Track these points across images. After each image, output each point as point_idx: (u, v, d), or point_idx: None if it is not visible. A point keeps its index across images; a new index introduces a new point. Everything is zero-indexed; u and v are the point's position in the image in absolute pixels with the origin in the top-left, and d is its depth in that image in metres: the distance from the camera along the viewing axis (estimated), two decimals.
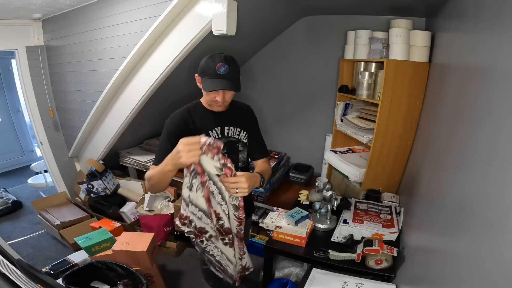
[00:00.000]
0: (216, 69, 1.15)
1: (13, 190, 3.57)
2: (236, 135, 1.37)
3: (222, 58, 1.17)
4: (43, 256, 2.37)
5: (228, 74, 1.17)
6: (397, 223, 1.51)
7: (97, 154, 2.66)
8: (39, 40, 2.67)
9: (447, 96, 1.21)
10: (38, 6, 2.20)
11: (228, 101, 1.27)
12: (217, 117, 1.32)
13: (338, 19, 2.21)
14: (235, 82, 1.21)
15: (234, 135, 1.37)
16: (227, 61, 1.17)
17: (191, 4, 1.67)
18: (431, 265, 0.89)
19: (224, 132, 1.33)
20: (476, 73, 0.89)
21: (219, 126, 1.32)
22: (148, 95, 2.07)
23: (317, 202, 1.65)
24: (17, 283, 1.11)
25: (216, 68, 1.15)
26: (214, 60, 1.16)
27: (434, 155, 1.24)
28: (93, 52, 2.26)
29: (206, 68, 1.18)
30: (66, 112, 2.82)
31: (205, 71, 1.18)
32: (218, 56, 1.17)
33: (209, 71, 1.17)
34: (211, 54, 1.20)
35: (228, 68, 1.16)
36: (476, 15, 0.96)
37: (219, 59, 1.16)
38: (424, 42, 1.63)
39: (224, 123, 1.33)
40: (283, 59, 2.55)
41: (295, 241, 1.45)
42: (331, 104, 2.35)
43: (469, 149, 0.81)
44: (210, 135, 1.30)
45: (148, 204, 2.34)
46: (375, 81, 1.84)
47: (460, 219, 0.77)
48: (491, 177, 0.64)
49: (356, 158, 2.06)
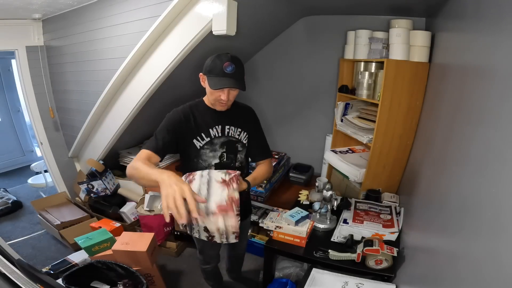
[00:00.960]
0: (223, 68, 1.17)
1: (13, 190, 3.57)
2: (236, 135, 1.38)
3: (229, 57, 1.19)
4: (43, 256, 2.37)
5: (235, 73, 1.19)
6: (397, 223, 1.51)
7: (97, 154, 2.66)
8: (39, 40, 2.67)
9: (447, 96, 1.21)
10: (38, 6, 2.20)
11: (232, 100, 1.29)
12: (219, 116, 1.33)
13: (338, 19, 2.21)
14: (241, 81, 1.23)
15: (234, 135, 1.38)
16: (233, 60, 1.19)
17: (191, 4, 1.67)
18: (431, 265, 0.89)
19: (224, 131, 1.34)
20: (476, 73, 0.89)
21: (220, 125, 1.33)
22: (148, 95, 2.07)
23: (317, 202, 1.65)
24: (17, 283, 1.11)
25: (223, 67, 1.17)
26: (221, 59, 1.19)
27: (434, 155, 1.24)
28: (93, 52, 2.26)
29: (213, 67, 1.20)
30: (66, 112, 2.82)
31: (212, 69, 1.20)
32: (225, 56, 1.20)
33: (215, 70, 1.19)
34: (217, 54, 1.22)
35: (234, 67, 1.19)
36: (476, 15, 0.96)
37: (226, 58, 1.19)
38: (424, 42, 1.63)
39: (225, 122, 1.34)
40: (283, 59, 2.55)
41: (295, 241, 1.46)
42: (331, 104, 2.35)
43: (469, 149, 0.81)
44: (210, 132, 1.32)
45: (148, 204, 2.34)
46: (375, 81, 1.84)
47: (460, 219, 0.77)
48: (491, 177, 0.64)
49: (356, 158, 2.06)
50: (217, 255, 1.71)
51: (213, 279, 1.84)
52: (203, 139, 1.31)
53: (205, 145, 1.32)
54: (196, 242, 1.59)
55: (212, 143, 1.32)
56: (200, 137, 1.31)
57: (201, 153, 1.32)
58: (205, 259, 1.68)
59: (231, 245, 1.69)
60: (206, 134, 1.31)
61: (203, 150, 1.32)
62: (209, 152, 1.33)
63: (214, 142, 1.33)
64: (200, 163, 1.33)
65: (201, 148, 1.31)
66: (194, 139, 1.30)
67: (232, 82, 1.20)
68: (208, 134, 1.31)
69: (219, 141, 1.34)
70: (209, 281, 1.85)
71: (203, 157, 1.33)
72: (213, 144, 1.33)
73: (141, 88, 2.05)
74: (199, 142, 1.31)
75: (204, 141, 1.31)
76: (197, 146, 1.31)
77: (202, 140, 1.31)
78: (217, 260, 1.73)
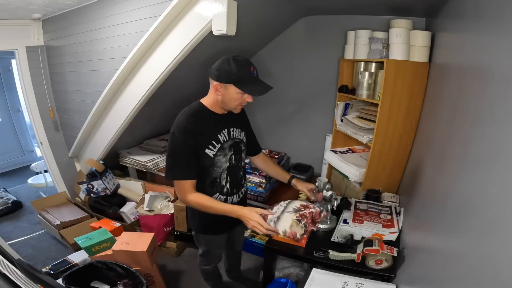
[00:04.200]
0: (251, 72, 1.20)
1: (13, 190, 3.57)
2: (239, 135, 1.41)
3: (246, 60, 1.21)
4: (43, 256, 2.37)
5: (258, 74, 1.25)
6: (397, 223, 1.51)
7: (97, 154, 2.66)
8: (39, 40, 2.67)
9: (447, 96, 1.21)
10: (38, 6, 2.20)
11: None
12: (223, 120, 1.34)
13: (338, 19, 2.21)
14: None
15: (238, 136, 1.40)
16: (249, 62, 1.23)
17: (191, 4, 1.67)
18: (431, 265, 0.89)
19: (230, 133, 1.36)
20: (476, 73, 0.89)
21: (226, 128, 1.34)
22: (148, 95, 2.07)
23: (317, 202, 1.65)
24: (17, 283, 1.11)
25: (251, 72, 1.20)
26: (242, 65, 1.19)
27: (435, 155, 1.24)
28: (93, 52, 2.26)
29: (242, 75, 1.19)
30: (66, 112, 2.82)
31: (243, 77, 1.19)
32: (242, 60, 1.20)
33: (246, 77, 1.20)
34: (226, 59, 1.19)
35: (255, 69, 1.23)
36: (476, 15, 0.96)
37: (246, 62, 1.21)
38: (424, 42, 1.63)
39: (229, 125, 1.36)
40: (283, 59, 2.55)
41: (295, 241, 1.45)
42: (331, 104, 2.35)
43: (470, 149, 0.81)
44: (219, 138, 1.31)
45: (148, 204, 2.34)
46: (375, 81, 1.84)
47: (460, 219, 0.77)
48: (491, 177, 0.64)
49: (356, 158, 2.06)
50: (221, 253, 1.73)
51: (213, 279, 1.84)
52: (214, 146, 1.29)
53: (218, 152, 1.31)
54: (204, 243, 1.58)
55: (223, 148, 1.32)
56: (212, 145, 1.29)
57: (215, 161, 1.31)
58: (209, 259, 1.66)
59: (230, 243, 1.73)
60: (216, 141, 1.30)
61: (217, 158, 1.31)
62: (222, 158, 1.33)
63: (224, 146, 1.33)
64: (215, 170, 1.33)
65: (215, 156, 1.30)
66: (206, 149, 1.28)
67: (267, 85, 1.24)
68: (218, 140, 1.31)
69: (227, 144, 1.34)
70: (209, 282, 1.85)
71: (218, 164, 1.32)
72: (224, 149, 1.33)
73: (141, 88, 2.05)
74: (212, 151, 1.29)
75: (216, 148, 1.30)
76: (211, 155, 1.29)
77: (214, 148, 1.30)
78: (220, 258, 1.73)
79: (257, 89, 1.23)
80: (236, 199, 1.45)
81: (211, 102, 1.30)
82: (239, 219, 1.25)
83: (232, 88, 1.21)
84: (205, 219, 1.43)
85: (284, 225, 1.21)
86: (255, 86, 1.22)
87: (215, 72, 1.21)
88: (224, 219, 1.31)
